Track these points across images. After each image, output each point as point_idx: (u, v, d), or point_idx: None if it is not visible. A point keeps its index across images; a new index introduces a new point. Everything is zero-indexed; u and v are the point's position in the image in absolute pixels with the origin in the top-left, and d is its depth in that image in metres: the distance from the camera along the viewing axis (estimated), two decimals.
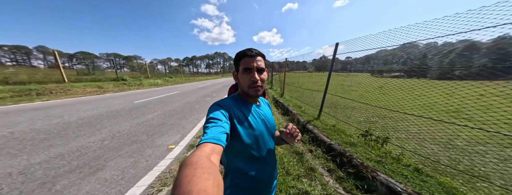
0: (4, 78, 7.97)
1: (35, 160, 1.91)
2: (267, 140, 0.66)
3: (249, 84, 0.59)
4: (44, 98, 6.14)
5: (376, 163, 1.92)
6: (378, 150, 2.19)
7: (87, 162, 1.90)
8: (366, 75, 2.72)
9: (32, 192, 1.38)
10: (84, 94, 7.33)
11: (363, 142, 2.39)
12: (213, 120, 0.50)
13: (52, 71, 11.23)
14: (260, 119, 0.66)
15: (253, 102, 0.68)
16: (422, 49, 2.20)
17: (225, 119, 0.52)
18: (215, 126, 0.47)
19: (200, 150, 0.36)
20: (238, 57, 0.61)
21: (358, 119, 3.42)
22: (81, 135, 2.71)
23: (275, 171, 0.73)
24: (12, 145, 2.27)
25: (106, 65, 33.34)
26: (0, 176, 1.58)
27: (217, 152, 0.40)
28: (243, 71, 0.59)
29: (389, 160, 1.97)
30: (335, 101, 3.64)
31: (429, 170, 1.82)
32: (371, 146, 2.28)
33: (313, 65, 6.12)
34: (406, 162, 1.94)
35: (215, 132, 0.44)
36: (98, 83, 9.62)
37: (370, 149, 2.20)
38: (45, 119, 3.51)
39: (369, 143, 2.35)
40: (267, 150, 0.66)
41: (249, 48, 0.62)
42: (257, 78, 0.58)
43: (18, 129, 2.88)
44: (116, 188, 1.48)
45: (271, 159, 0.68)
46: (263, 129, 0.65)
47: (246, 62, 0.58)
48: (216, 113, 0.53)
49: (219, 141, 0.42)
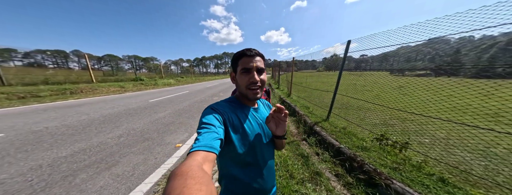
0: (45, 79, 9.12)
1: (62, 153, 2.15)
2: (263, 145, 0.62)
3: (248, 86, 0.56)
4: (76, 96, 6.91)
5: (391, 170, 1.74)
6: (395, 156, 1.98)
7: (104, 157, 2.07)
8: (384, 74, 2.43)
9: (55, 184, 1.55)
10: (108, 93, 8.04)
11: (378, 146, 2.19)
12: (206, 125, 0.47)
13: (83, 73, 12.57)
14: (257, 123, 0.62)
15: (251, 104, 0.65)
16: (454, 44, 1.87)
17: (219, 124, 0.49)
18: (208, 131, 0.44)
19: (191, 159, 0.34)
20: (236, 58, 0.58)
21: (373, 121, 3.13)
22: (102, 131, 2.97)
23: (273, 177, 0.70)
24: (46, 139, 2.59)
25: (128, 66, 36.17)
26: (33, 167, 1.81)
27: (210, 160, 0.38)
28: (242, 71, 0.55)
29: (408, 167, 1.77)
30: (346, 101, 3.37)
31: (458, 180, 1.59)
32: (386, 151, 2.08)
33: (323, 64, 5.71)
34: (429, 170, 1.72)
35: (208, 138, 0.42)
36: (120, 83, 10.55)
37: (386, 154, 2.00)
38: (74, 115, 3.94)
39: (384, 148, 2.14)
40: (264, 156, 0.63)
41: (248, 48, 0.58)
42: (256, 79, 0.55)
43: (52, 124, 3.27)
44: (126, 184, 1.59)
45: (268, 166, 0.65)
46: (260, 134, 0.61)
47: (244, 62, 0.55)
48: (209, 117, 0.50)
49: (211, 148, 0.40)
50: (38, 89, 6.84)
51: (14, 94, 6.00)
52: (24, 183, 1.54)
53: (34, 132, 2.86)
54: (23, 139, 2.54)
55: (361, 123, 2.94)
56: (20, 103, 5.23)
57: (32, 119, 3.62)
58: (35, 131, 2.88)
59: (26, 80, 8.39)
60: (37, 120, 3.51)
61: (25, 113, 4.09)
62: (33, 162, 1.92)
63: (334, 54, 3.56)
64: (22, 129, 2.98)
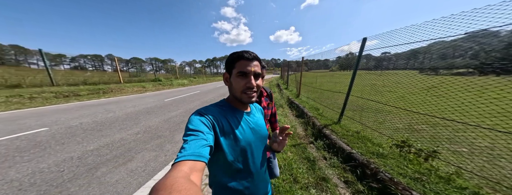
0: (84, 80, 10.51)
1: (90, 147, 2.44)
2: (256, 151, 0.60)
3: (244, 90, 0.54)
4: (107, 95, 7.80)
5: (412, 180, 1.54)
6: (419, 165, 1.74)
7: (123, 153, 2.29)
8: (411, 73, 2.11)
9: (81, 175, 1.76)
10: (132, 93, 8.89)
11: (397, 153, 1.94)
12: (193, 132, 0.44)
13: (114, 74, 14.09)
14: (250, 128, 0.59)
15: (243, 108, 0.62)
16: (504, 38, 1.49)
17: (207, 130, 0.46)
18: (195, 139, 0.41)
19: (176, 170, 0.32)
20: (233, 59, 0.55)
21: (394, 125, 2.79)
22: (123, 127, 3.30)
23: (266, 184, 0.67)
24: (79, 133, 2.98)
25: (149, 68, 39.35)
26: (66, 159, 2.10)
27: (198, 170, 0.35)
28: (238, 75, 0.53)
29: (433, 178, 1.53)
30: (362, 103, 3.04)
31: None
32: (408, 159, 1.83)
33: (336, 63, 5.22)
34: (461, 184, 1.46)
35: (195, 146, 0.39)
36: (142, 83, 11.64)
37: (406, 162, 1.77)
38: (103, 113, 4.45)
39: (405, 156, 1.89)
40: (256, 162, 0.60)
41: (245, 50, 0.56)
42: (253, 84, 0.53)
43: (85, 120, 3.75)
44: (138, 180, 1.72)
45: (260, 172, 0.62)
46: (252, 140, 0.58)
47: (242, 65, 0.53)
48: (197, 123, 0.47)
49: (200, 156, 0.37)
50: (78, 89, 7.92)
51: (60, 93, 7.06)
52: (57, 173, 1.79)
53: (71, 127, 3.32)
54: (62, 133, 2.97)
55: (379, 127, 2.63)
56: (64, 101, 6.13)
57: (71, 115, 4.21)
58: (72, 126, 3.34)
59: (70, 81, 9.79)
60: (74, 116, 4.07)
61: (67, 110, 4.78)
62: (67, 154, 2.23)
63: (349, 53, 3.23)
64: (62, 123, 3.49)
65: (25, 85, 8.01)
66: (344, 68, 4.12)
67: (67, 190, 1.53)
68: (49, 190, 1.52)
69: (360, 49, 2.55)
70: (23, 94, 6.17)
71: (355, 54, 2.68)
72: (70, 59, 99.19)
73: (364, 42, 2.51)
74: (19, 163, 1.98)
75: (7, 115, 4.12)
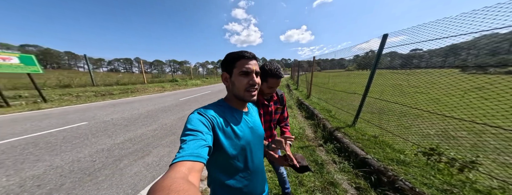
0: (117, 81, 11.95)
1: (117, 140, 2.78)
2: (254, 150, 0.61)
3: (247, 88, 0.55)
4: (133, 94, 8.73)
5: (439, 192, 1.34)
6: (450, 176, 1.48)
7: (142, 147, 2.54)
8: (451, 72, 1.77)
9: (108, 166, 2.02)
10: (153, 92, 9.77)
11: (423, 162, 1.70)
12: (192, 132, 0.44)
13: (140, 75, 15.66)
14: (248, 127, 0.61)
15: (241, 108, 0.63)
16: None
17: (206, 130, 0.47)
18: (194, 139, 0.42)
19: (174, 171, 0.32)
20: (232, 59, 0.56)
21: (424, 131, 2.41)
22: (145, 124, 3.65)
23: (263, 182, 0.70)
24: (109, 127, 3.42)
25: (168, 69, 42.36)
26: (98, 150, 2.43)
27: (197, 170, 0.35)
28: (241, 73, 0.55)
29: (467, 191, 1.30)
30: (383, 105, 2.69)
31: None
32: (436, 168, 1.59)
33: (354, 62, 4.68)
34: None
35: (194, 146, 0.39)
36: (162, 84, 12.78)
37: (434, 172, 1.54)
38: (129, 110, 5.00)
39: (434, 165, 1.64)
40: (254, 160, 0.61)
41: (244, 50, 0.57)
42: (256, 81, 0.55)
43: (115, 116, 4.28)
44: (152, 173, 1.89)
45: (258, 170, 0.64)
46: (250, 139, 0.59)
47: (244, 64, 0.55)
48: (195, 123, 0.47)
49: (198, 157, 0.37)
50: (112, 89, 9.06)
51: (99, 92, 8.18)
52: (90, 163, 2.09)
53: (104, 121, 3.82)
54: (97, 127, 3.45)
55: (404, 132, 2.32)
56: (101, 99, 7.09)
57: (105, 111, 4.85)
58: (105, 121, 3.85)
59: (106, 82, 11.26)
60: (107, 112, 4.68)
61: (102, 107, 5.52)
62: (99, 146, 2.58)
63: (370, 51, 2.89)
64: (98, 119, 4.05)
65: (74, 85, 9.51)
66: (362, 68, 3.71)
67: (96, 179, 1.77)
68: (83, 177, 1.79)
69: (380, 46, 2.28)
70: (71, 93, 7.34)
71: (375, 53, 2.40)
72: (107, 63, 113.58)
73: (385, 39, 2.25)
74: (64, 151, 2.38)
75: (60, 110, 4.97)
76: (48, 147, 2.52)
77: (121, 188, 1.64)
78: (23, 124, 3.60)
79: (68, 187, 1.62)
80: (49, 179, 1.75)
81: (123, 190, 1.61)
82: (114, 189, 1.61)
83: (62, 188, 1.61)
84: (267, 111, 1.09)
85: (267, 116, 1.09)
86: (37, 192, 1.55)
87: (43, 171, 1.88)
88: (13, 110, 4.77)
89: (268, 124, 1.11)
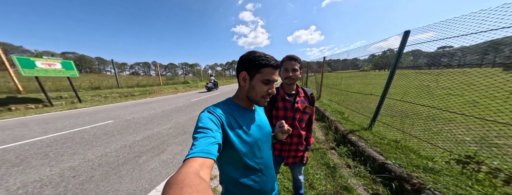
0: (137, 83, 13.00)
1: (137, 138, 3.01)
2: (262, 148, 0.63)
3: (264, 95, 0.58)
4: (151, 95, 9.39)
5: None
6: (492, 188, 1.29)
7: (158, 145, 2.71)
8: (491, 72, 1.54)
9: (129, 161, 2.19)
10: (168, 93, 10.40)
11: (458, 170, 1.50)
12: (202, 129, 0.46)
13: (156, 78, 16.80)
14: (256, 125, 0.63)
15: (248, 107, 0.65)
16: None
17: (216, 128, 0.49)
18: (205, 136, 0.44)
19: (187, 166, 0.34)
20: (259, 64, 0.55)
21: (458, 137, 2.13)
22: (161, 123, 3.89)
23: (273, 180, 0.71)
24: (131, 125, 3.72)
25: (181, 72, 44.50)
26: (121, 146, 2.65)
27: (207, 166, 0.38)
28: (263, 81, 0.56)
29: None
30: (406, 108, 2.43)
31: None
32: (474, 179, 1.39)
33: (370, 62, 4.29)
34: None
35: (205, 143, 0.42)
36: (175, 86, 13.69)
37: (471, 182, 1.35)
38: (148, 110, 5.39)
39: (471, 175, 1.44)
40: (263, 157, 0.63)
41: (269, 56, 0.56)
42: (275, 91, 0.58)
43: (136, 116, 4.64)
44: (167, 169, 2.00)
45: (268, 168, 0.66)
46: (258, 136, 0.61)
47: (269, 73, 0.56)
48: (206, 121, 0.50)
49: (209, 154, 0.40)
50: (133, 90, 9.87)
51: (122, 94, 8.98)
52: (116, 157, 2.30)
53: (127, 120, 4.18)
54: (122, 125, 3.78)
55: (432, 137, 2.07)
56: (124, 99, 7.78)
57: (128, 111, 5.30)
58: (128, 120, 4.21)
59: (129, 84, 12.33)
60: (130, 112, 5.11)
61: (125, 107, 6.05)
62: (123, 142, 2.82)
63: (388, 50, 2.66)
64: (122, 117, 4.44)
65: (102, 87, 10.60)
66: (380, 68, 3.40)
67: (119, 172, 1.94)
68: (108, 171, 1.98)
69: (401, 44, 2.09)
70: (101, 94, 8.19)
71: (395, 51, 2.21)
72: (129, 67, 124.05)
73: (406, 36, 2.05)
74: (95, 146, 2.66)
75: (91, 109, 5.58)
76: (82, 141, 2.84)
77: (139, 182, 1.76)
78: (63, 121, 4.13)
79: (97, 179, 1.80)
80: (82, 170, 1.97)
81: (141, 184, 1.73)
82: (134, 184, 1.74)
83: (92, 180, 1.79)
84: (288, 106, 1.01)
85: (290, 112, 1.01)
86: (73, 182, 1.75)
87: (78, 163, 2.13)
88: (55, 109, 5.51)
89: (290, 122, 1.02)
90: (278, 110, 1.02)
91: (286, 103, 1.02)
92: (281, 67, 1.01)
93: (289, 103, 1.02)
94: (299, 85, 1.11)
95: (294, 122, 1.03)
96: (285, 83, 1.03)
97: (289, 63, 0.97)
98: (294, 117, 1.02)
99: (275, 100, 1.03)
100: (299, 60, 0.99)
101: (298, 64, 0.98)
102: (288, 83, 1.01)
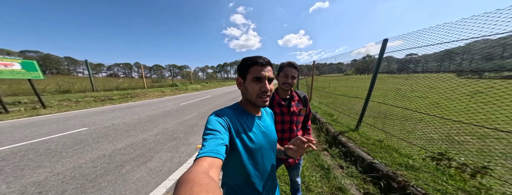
0: (117, 86, 11.93)
1: (118, 146, 2.72)
2: (266, 154, 0.63)
3: (259, 94, 0.57)
4: (134, 99, 8.68)
5: None
6: (463, 182, 1.46)
7: (144, 152, 2.48)
8: (447, 77, 1.84)
9: (110, 172, 1.96)
10: (153, 97, 9.73)
11: (433, 167, 1.68)
12: (211, 131, 0.48)
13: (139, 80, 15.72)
14: (261, 131, 0.62)
15: (255, 112, 0.65)
16: None
17: (224, 130, 0.50)
18: (213, 138, 0.45)
19: (198, 165, 0.35)
20: (247, 65, 0.57)
21: (427, 135, 2.42)
22: (146, 129, 3.59)
23: (275, 187, 0.70)
24: (110, 133, 3.35)
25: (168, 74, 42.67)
26: (99, 156, 2.37)
27: (216, 166, 0.38)
28: (253, 80, 0.57)
29: None
30: (385, 110, 2.73)
31: None
32: (447, 174, 1.57)
33: (352, 66, 4.87)
34: None
35: (214, 144, 0.43)
36: (162, 88, 12.78)
37: (446, 178, 1.51)
38: (130, 115, 4.95)
39: (444, 170, 1.62)
40: (266, 164, 0.63)
41: (258, 56, 0.58)
42: (268, 88, 0.57)
43: (116, 122, 4.22)
44: (155, 179, 1.83)
45: (270, 175, 0.65)
46: (263, 143, 0.61)
47: (257, 70, 0.56)
48: (214, 123, 0.51)
49: (217, 154, 0.40)
50: (112, 94, 9.01)
51: (98, 98, 8.12)
52: (92, 169, 2.03)
53: (105, 127, 3.76)
54: (98, 132, 3.38)
55: (408, 136, 2.32)
56: (101, 104, 7.03)
57: (106, 116, 4.78)
58: (106, 127, 3.79)
59: (106, 87, 11.24)
60: (108, 118, 4.62)
61: (103, 112, 5.46)
62: (100, 151, 2.51)
63: (367, 56, 3.00)
64: (98, 124, 3.98)
65: (73, 90, 9.46)
66: (361, 72, 3.82)
67: (98, 185, 1.71)
68: (85, 184, 1.73)
69: (381, 51, 2.37)
70: (71, 98, 7.28)
71: (373, 57, 2.48)
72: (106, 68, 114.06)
73: (385, 43, 2.34)
74: (64, 157, 2.31)
75: (59, 116, 4.90)
76: (48, 153, 2.45)
77: (124, 194, 1.58)
78: (22, 130, 3.53)
79: (70, 194, 1.56)
80: (50, 185, 1.69)
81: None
82: None
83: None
84: (284, 111, 1.06)
85: (286, 116, 1.06)
86: None
87: (44, 178, 1.82)
88: (12, 116, 4.69)
89: (288, 125, 1.07)
90: (276, 115, 1.06)
91: (282, 108, 1.06)
92: (281, 72, 1.04)
93: (285, 107, 1.07)
94: (293, 89, 1.16)
95: (292, 125, 1.09)
96: (281, 88, 1.07)
97: (289, 70, 1.01)
98: (291, 120, 1.07)
99: (271, 106, 1.07)
100: (298, 69, 1.06)
101: (297, 72, 1.04)
102: (285, 89, 1.06)
